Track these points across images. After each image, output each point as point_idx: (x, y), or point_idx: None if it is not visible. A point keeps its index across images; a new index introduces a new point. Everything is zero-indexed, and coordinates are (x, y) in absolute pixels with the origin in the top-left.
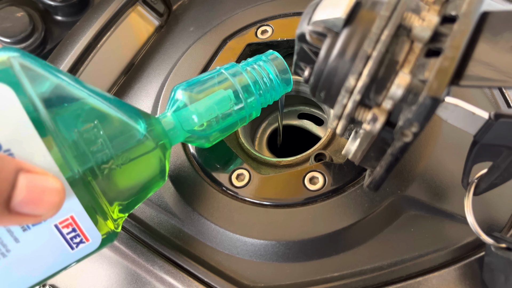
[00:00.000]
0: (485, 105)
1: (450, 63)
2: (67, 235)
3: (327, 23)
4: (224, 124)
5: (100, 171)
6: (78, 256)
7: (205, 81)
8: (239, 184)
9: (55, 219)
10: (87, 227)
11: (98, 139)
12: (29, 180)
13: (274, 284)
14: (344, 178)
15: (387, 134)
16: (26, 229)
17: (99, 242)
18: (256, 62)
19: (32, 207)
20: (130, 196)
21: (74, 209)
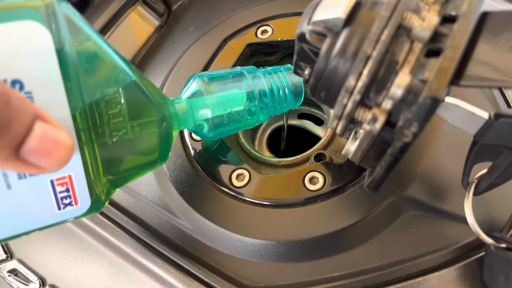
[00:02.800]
0: (485, 105)
1: (450, 63)
2: (59, 194)
3: (327, 23)
4: (233, 123)
5: (109, 138)
6: (62, 218)
7: (225, 77)
8: (239, 184)
9: (53, 174)
10: (80, 190)
11: (117, 105)
12: (44, 130)
13: (274, 284)
14: (344, 178)
15: (387, 134)
16: (22, 178)
17: (86, 208)
18: (276, 72)
19: (40, 158)
20: (125, 170)
21: (74, 169)
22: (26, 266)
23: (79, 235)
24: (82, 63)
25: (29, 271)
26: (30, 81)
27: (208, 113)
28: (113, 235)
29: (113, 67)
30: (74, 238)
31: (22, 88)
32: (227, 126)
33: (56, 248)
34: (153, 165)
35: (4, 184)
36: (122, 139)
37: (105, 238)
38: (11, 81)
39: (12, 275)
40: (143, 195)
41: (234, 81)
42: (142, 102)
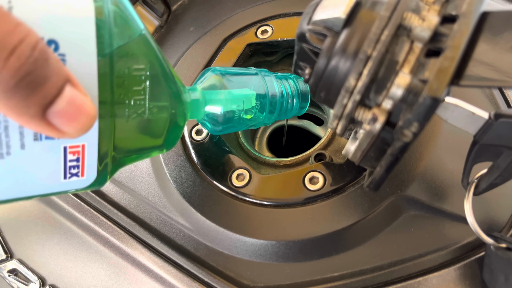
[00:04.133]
0: (485, 105)
1: (450, 63)
2: (68, 162)
3: (327, 23)
4: (240, 121)
5: (128, 114)
6: (64, 188)
7: (240, 76)
8: (239, 184)
9: (68, 141)
10: (89, 162)
11: (142, 83)
12: (72, 95)
13: (274, 284)
14: (344, 178)
15: (387, 134)
16: (38, 140)
17: (90, 182)
18: (287, 79)
19: (64, 121)
20: (134, 150)
21: (89, 139)
22: (26, 266)
23: (79, 235)
24: (117, 36)
25: (29, 271)
26: (65, 44)
27: (219, 107)
28: (113, 235)
29: (144, 45)
30: (74, 238)
31: (57, 49)
32: (233, 123)
33: (56, 248)
34: (160, 150)
35: (18, 143)
36: (139, 118)
37: (105, 238)
38: (48, 40)
39: (12, 275)
40: (143, 195)
41: (248, 81)
42: (164, 84)
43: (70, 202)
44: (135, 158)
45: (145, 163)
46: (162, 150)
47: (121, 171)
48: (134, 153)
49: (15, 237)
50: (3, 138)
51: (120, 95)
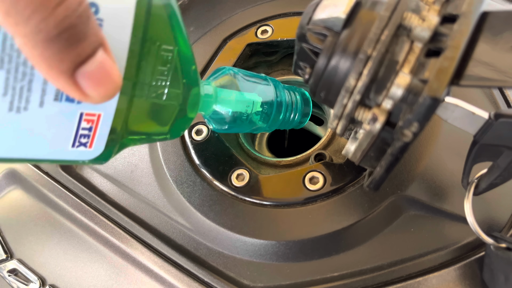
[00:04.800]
0: (485, 105)
1: (450, 63)
2: (80, 130)
3: (327, 23)
4: (245, 123)
5: (147, 93)
6: (68, 157)
7: (253, 80)
8: (239, 184)
9: (87, 107)
10: (100, 134)
11: (167, 64)
12: (104, 59)
13: (274, 284)
14: (344, 178)
15: (387, 134)
16: (57, 100)
17: (96, 155)
18: (294, 93)
19: (90, 84)
20: (142, 133)
21: (106, 110)
22: (26, 266)
23: (79, 235)
24: (153, 13)
25: (29, 271)
26: (105, 10)
27: (228, 106)
28: (113, 235)
29: (176, 26)
30: (74, 238)
31: (97, 13)
32: (237, 125)
33: (56, 248)
34: (164, 137)
35: (38, 100)
36: (155, 100)
37: (105, 238)
38: (90, 2)
39: (12, 275)
40: (143, 195)
41: (260, 87)
42: (186, 71)
43: (70, 202)
44: (139, 140)
45: (145, 163)
46: (166, 138)
47: (121, 171)
48: (140, 135)
49: (15, 237)
50: (25, 91)
51: (144, 72)
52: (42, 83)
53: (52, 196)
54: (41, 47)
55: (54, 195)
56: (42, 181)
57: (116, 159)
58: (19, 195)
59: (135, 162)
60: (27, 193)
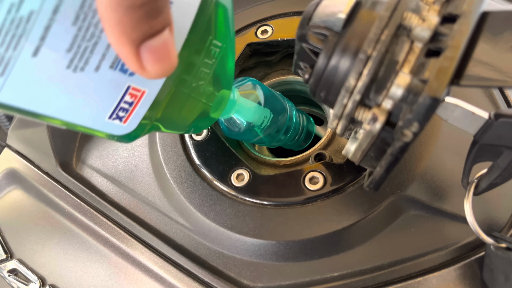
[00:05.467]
0: (485, 105)
1: (450, 63)
2: (122, 103)
3: (327, 23)
4: (253, 134)
5: (188, 83)
6: (101, 128)
7: (274, 97)
8: (239, 184)
9: (134, 81)
10: (138, 112)
11: (213, 59)
12: (168, 38)
13: (274, 284)
14: (344, 178)
15: (387, 134)
16: (112, 68)
17: (126, 132)
18: (303, 117)
19: (151, 58)
20: (165, 120)
21: (151, 89)
22: (26, 266)
23: (79, 235)
24: (216, 6)
25: (29, 271)
26: None
27: (244, 116)
28: (113, 235)
29: (230, 25)
30: (74, 238)
31: None
32: (247, 135)
33: (56, 248)
34: (184, 131)
35: (96, 64)
36: (192, 91)
37: (105, 238)
38: None
39: (12, 275)
40: (143, 195)
41: (279, 106)
42: (224, 71)
43: (70, 202)
44: (161, 128)
45: (145, 163)
46: (185, 131)
47: (121, 171)
48: (165, 123)
49: (15, 237)
50: (87, 52)
51: (192, 62)
52: (104, 48)
53: (52, 196)
54: (121, 12)
55: (54, 195)
56: (42, 181)
57: (116, 159)
58: (19, 195)
59: (135, 162)
60: (27, 193)
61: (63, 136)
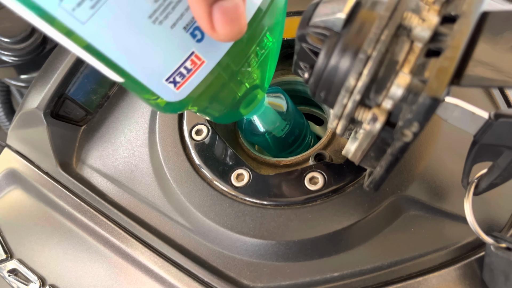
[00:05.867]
0: (485, 105)
1: (450, 63)
2: (182, 68)
3: (327, 23)
4: (262, 138)
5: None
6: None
7: (297, 113)
8: (239, 184)
9: (199, 49)
10: (192, 81)
11: (262, 51)
12: (239, 3)
13: (274, 284)
14: (344, 178)
15: (387, 134)
16: (185, 29)
17: (176, 99)
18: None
19: (222, 19)
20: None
21: (210, 61)
22: (26, 266)
23: (79, 235)
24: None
25: (29, 271)
26: None
27: (264, 121)
28: (113, 235)
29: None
30: (74, 238)
31: None
32: (257, 137)
33: (56, 248)
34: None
35: (173, 21)
36: (236, 74)
37: (105, 238)
38: None
39: (12, 275)
40: (143, 195)
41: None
42: (266, 69)
43: (70, 202)
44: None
45: (145, 163)
46: (213, 118)
47: (121, 171)
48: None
49: (15, 237)
50: (169, 8)
51: (248, 44)
52: (184, 8)
53: (52, 196)
54: None
55: (54, 195)
56: (42, 181)
57: (116, 159)
58: (19, 195)
59: (135, 162)
60: (27, 193)
61: (63, 136)
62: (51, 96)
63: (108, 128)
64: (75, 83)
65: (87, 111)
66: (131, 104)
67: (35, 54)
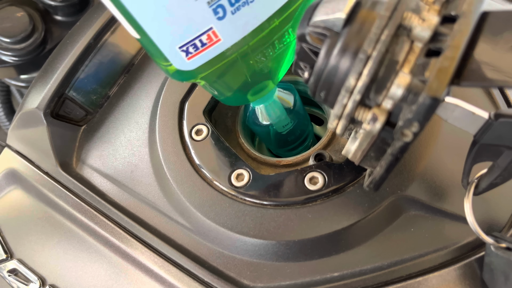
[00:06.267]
0: (485, 105)
1: (450, 63)
2: (197, 40)
3: (327, 23)
4: (265, 131)
5: (253, 54)
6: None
7: (303, 112)
8: (239, 184)
9: (218, 26)
10: (204, 55)
11: (282, 43)
12: None
13: (274, 284)
14: (344, 178)
15: (387, 134)
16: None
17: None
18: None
19: None
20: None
21: (226, 40)
22: (26, 266)
23: (79, 235)
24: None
25: (29, 271)
26: None
27: (270, 115)
28: (113, 235)
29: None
30: (74, 238)
31: None
32: (260, 129)
33: (56, 248)
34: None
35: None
36: (250, 64)
37: (105, 238)
38: None
39: (12, 275)
40: (143, 195)
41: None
42: (282, 62)
43: (70, 202)
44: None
45: (145, 163)
46: (218, 98)
47: (121, 171)
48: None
49: (15, 237)
50: None
51: (267, 35)
52: None
53: (52, 196)
54: None
55: (54, 195)
56: (42, 181)
57: (116, 159)
58: (19, 195)
59: (135, 162)
60: (27, 193)
61: (63, 136)
62: (51, 96)
63: (108, 128)
64: (75, 83)
65: (87, 111)
66: (131, 104)
67: (35, 54)
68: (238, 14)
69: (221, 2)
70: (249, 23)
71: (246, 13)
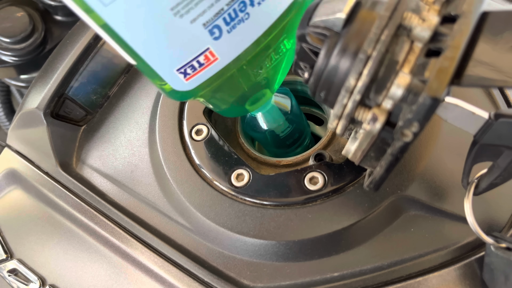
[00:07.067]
0: (485, 105)
1: (450, 63)
2: (194, 61)
3: (327, 23)
4: (262, 134)
5: (248, 67)
6: (165, 76)
7: (300, 116)
8: (239, 184)
9: (214, 46)
10: (202, 76)
11: (278, 56)
12: None
13: (274, 284)
14: (344, 178)
15: (387, 134)
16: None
17: (183, 89)
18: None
19: None
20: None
21: (223, 59)
22: (26, 266)
23: (79, 235)
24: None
25: (29, 271)
26: None
27: (268, 120)
28: (113, 235)
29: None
30: (74, 238)
31: None
32: (258, 134)
33: (56, 248)
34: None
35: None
36: (249, 74)
37: (105, 238)
38: None
39: (12, 275)
40: (143, 195)
41: (299, 126)
42: (278, 72)
43: (70, 202)
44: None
45: (145, 163)
46: (217, 110)
47: (121, 171)
48: (209, 97)
49: (15, 237)
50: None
51: (263, 49)
52: (207, 5)
53: (52, 196)
54: None
55: (54, 195)
56: (42, 181)
57: (116, 159)
58: (19, 195)
59: (135, 162)
60: (27, 193)
61: (63, 136)
62: (51, 96)
63: (108, 128)
64: (75, 83)
65: (87, 111)
66: (131, 104)
67: (35, 54)
68: (234, 32)
69: (216, 23)
70: (245, 39)
71: (241, 31)
